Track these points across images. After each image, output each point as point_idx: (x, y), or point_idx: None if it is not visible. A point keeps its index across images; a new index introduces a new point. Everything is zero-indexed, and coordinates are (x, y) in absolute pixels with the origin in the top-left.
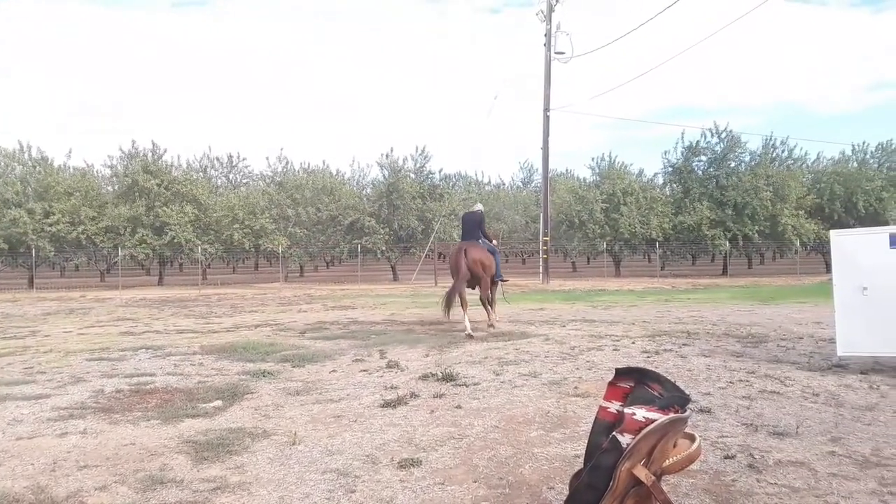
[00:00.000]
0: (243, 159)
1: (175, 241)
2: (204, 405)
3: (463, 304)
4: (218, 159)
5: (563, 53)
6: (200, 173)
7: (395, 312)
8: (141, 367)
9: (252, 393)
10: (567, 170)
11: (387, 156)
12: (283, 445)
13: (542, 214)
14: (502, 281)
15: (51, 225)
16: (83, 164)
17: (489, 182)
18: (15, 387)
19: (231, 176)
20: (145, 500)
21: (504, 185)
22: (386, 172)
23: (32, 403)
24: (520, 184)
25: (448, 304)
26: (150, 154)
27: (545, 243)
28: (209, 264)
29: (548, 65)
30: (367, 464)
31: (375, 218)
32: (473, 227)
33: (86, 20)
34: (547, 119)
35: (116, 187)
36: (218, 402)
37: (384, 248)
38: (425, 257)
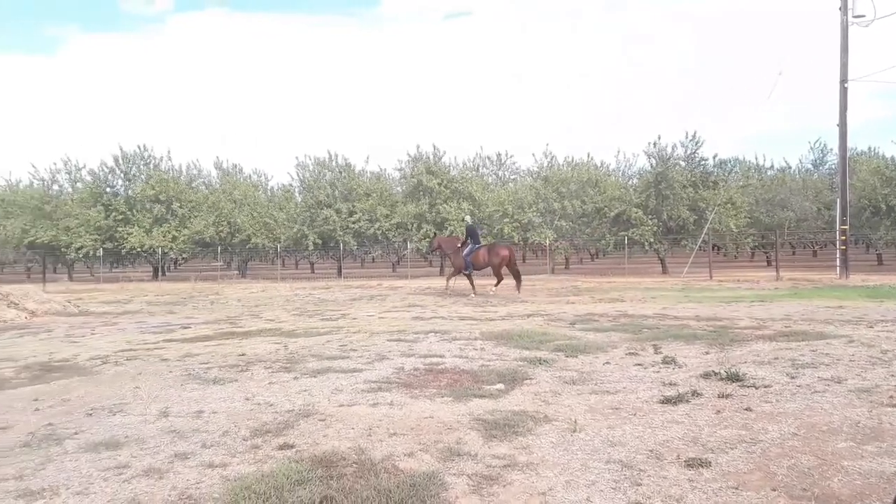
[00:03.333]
0: (511, 156)
1: (453, 234)
2: (488, 387)
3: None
4: (489, 158)
5: (863, 17)
6: (474, 172)
7: (666, 307)
8: (432, 349)
9: (530, 379)
10: (870, 148)
11: (654, 144)
12: (564, 431)
13: (838, 200)
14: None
15: (354, 222)
16: (377, 168)
17: (772, 166)
18: (335, 361)
19: (500, 173)
20: (447, 469)
21: (790, 168)
22: (653, 161)
23: (349, 376)
24: (809, 166)
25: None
26: (431, 156)
27: (843, 233)
28: None
29: (844, 30)
30: (652, 459)
31: (643, 209)
32: (477, 234)
33: (370, 41)
34: (844, 91)
35: (404, 187)
36: (500, 386)
37: (652, 240)
38: (698, 249)
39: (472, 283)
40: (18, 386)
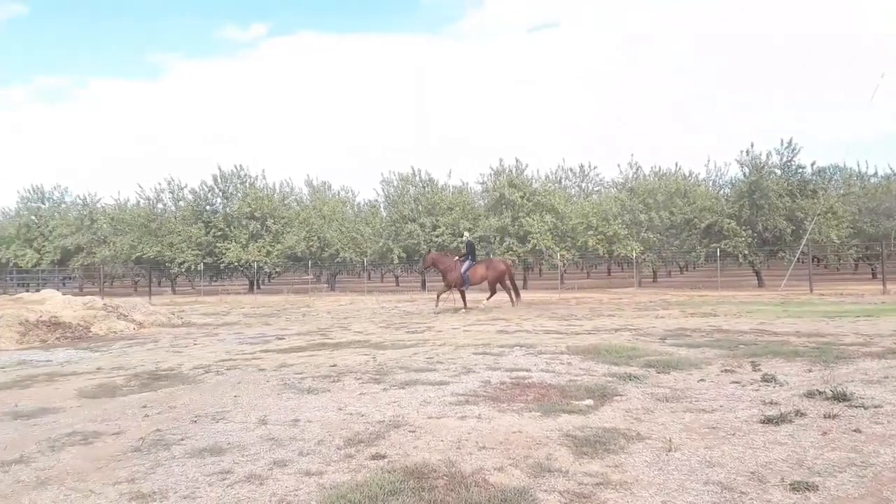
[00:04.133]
0: (594, 168)
1: (536, 248)
2: (577, 402)
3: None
4: (571, 170)
5: None
6: (556, 184)
7: (763, 321)
8: (518, 363)
9: (620, 395)
10: None
11: (747, 152)
12: (658, 450)
13: None
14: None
15: (437, 236)
16: (460, 182)
17: (875, 173)
18: (422, 373)
19: (583, 185)
20: (538, 485)
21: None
22: (746, 170)
23: (436, 388)
24: None
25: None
26: (514, 170)
27: None
28: (566, 269)
29: None
30: (753, 481)
31: (735, 219)
32: (474, 250)
33: (458, 58)
34: None
35: (487, 201)
36: (589, 401)
37: (746, 252)
38: (797, 261)
39: (464, 299)
40: (129, 393)
